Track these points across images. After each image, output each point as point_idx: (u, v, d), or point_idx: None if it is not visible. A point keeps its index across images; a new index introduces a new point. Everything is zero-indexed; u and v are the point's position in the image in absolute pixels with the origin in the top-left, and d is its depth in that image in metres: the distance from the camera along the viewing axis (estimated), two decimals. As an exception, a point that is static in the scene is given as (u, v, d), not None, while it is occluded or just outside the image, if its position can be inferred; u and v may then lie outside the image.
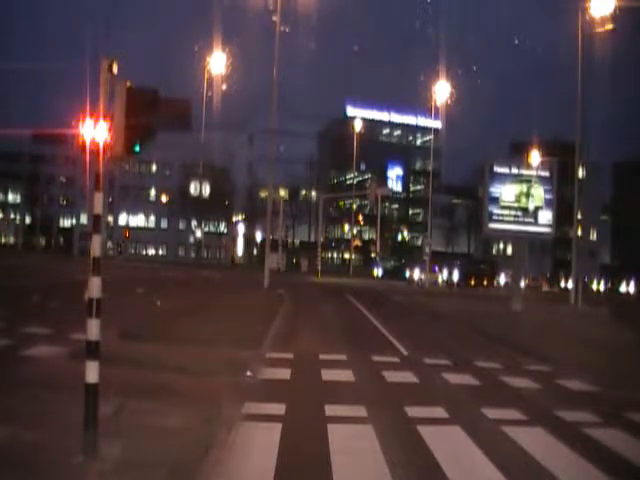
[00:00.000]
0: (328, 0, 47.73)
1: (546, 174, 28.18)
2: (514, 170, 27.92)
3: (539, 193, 27.79)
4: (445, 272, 55.65)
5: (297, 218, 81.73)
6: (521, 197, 27.70)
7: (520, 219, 27.83)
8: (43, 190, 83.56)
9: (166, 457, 5.74)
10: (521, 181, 27.82)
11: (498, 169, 27.77)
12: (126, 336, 12.06)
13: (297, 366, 10.86)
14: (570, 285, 59.81)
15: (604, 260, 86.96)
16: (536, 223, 28.17)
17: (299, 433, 6.80)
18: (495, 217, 27.86)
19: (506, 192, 27.54)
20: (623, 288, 65.91)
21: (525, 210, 27.87)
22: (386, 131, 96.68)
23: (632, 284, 62.88)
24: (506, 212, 27.75)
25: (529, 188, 27.71)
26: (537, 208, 27.90)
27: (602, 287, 65.03)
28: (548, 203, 27.91)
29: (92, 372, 5.68)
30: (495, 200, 27.67)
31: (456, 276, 50.89)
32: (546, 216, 28.06)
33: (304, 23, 45.28)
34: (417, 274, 55.34)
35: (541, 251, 71.96)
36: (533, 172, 28.18)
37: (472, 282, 51.36)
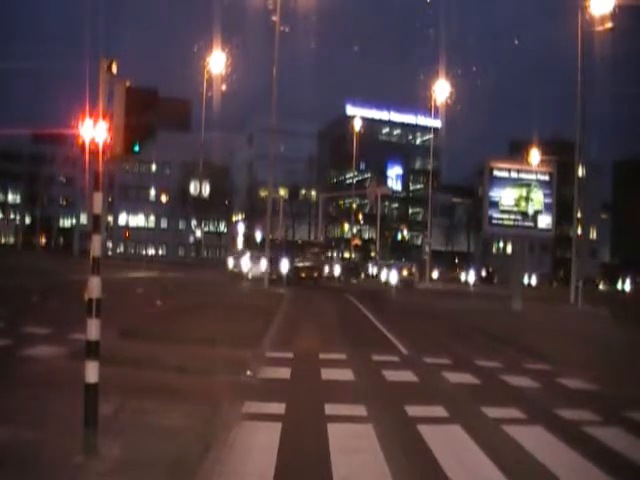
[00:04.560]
0: (328, 0, 47.62)
1: (545, 178, 28.19)
2: (513, 174, 27.93)
3: (539, 197, 27.81)
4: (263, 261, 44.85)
5: (297, 217, 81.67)
6: (520, 201, 27.72)
7: (519, 223, 27.84)
8: (43, 190, 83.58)
9: (166, 456, 5.74)
10: (521, 185, 27.82)
11: (497, 173, 27.78)
12: (126, 336, 12.05)
13: (297, 365, 10.86)
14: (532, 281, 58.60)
15: (604, 259, 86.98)
16: (535, 227, 28.19)
17: (299, 432, 6.80)
18: (495, 221, 27.87)
19: (506, 196, 27.55)
20: (619, 286, 65.77)
21: (525, 214, 27.88)
22: (386, 130, 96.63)
23: (627, 282, 62.76)
24: (505, 216, 27.76)
25: (529, 192, 27.73)
26: (537, 212, 27.92)
27: (601, 286, 64.88)
28: (548, 207, 27.93)
29: (92, 372, 5.69)
30: (495, 204, 27.69)
31: (285, 267, 37.54)
32: (545, 220, 28.08)
33: (304, 23, 45.16)
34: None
35: (541, 250, 72.05)
36: (533, 176, 28.17)
37: (303, 275, 39.81)
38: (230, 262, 46.36)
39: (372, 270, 57.93)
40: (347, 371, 10.58)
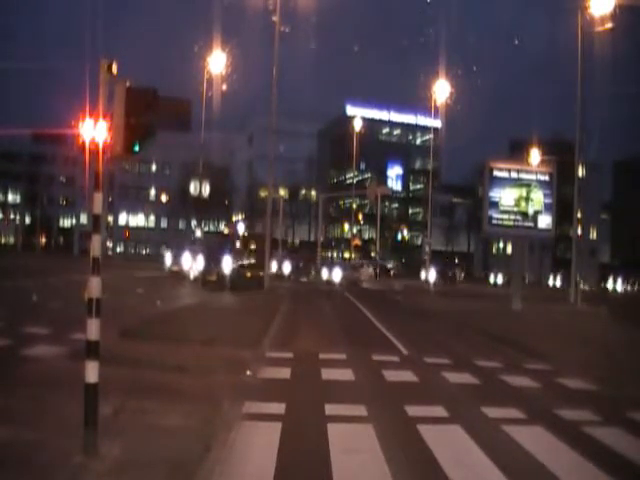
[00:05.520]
0: (328, 0, 47.62)
1: (545, 178, 28.16)
2: (513, 174, 27.91)
3: (538, 197, 27.78)
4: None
5: (297, 217, 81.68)
6: (520, 201, 27.68)
7: (519, 223, 27.82)
8: (43, 190, 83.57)
9: (166, 456, 5.74)
10: (520, 185, 27.79)
11: (497, 173, 27.76)
12: (126, 336, 12.06)
13: (297, 365, 10.85)
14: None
15: (604, 259, 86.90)
16: (535, 227, 28.16)
17: (299, 432, 6.80)
18: (495, 221, 27.85)
19: (505, 196, 27.52)
20: (609, 286, 65.48)
21: (524, 214, 27.86)
22: (386, 130, 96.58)
23: (619, 282, 62.53)
24: (505, 216, 27.74)
25: (529, 192, 27.70)
26: (536, 212, 27.90)
27: (581, 285, 64.23)
28: (547, 207, 27.90)
29: (92, 372, 5.69)
30: (494, 204, 27.66)
31: (228, 266, 32.00)
32: (545, 220, 28.06)
33: (304, 23, 45.17)
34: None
35: (541, 250, 72.01)
36: (533, 176, 28.14)
37: (248, 274, 34.57)
38: (168, 259, 38.08)
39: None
40: (347, 371, 10.58)
